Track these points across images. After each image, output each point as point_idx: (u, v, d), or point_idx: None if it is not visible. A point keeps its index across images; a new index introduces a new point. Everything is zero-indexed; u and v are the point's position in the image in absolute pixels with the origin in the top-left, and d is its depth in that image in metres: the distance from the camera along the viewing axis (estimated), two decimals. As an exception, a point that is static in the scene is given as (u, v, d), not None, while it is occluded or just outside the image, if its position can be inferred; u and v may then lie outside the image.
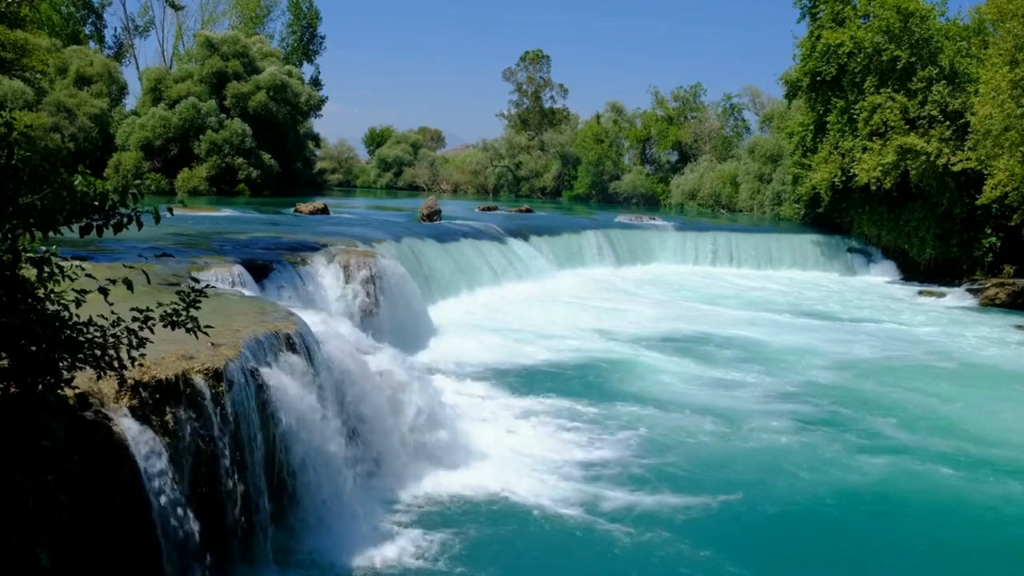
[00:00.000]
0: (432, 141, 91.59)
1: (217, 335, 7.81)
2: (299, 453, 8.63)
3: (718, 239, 36.11)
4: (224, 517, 7.58)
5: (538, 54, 78.00)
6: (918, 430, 13.62)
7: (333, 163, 77.35)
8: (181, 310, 5.84)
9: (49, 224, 4.97)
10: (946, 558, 9.48)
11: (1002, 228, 31.64)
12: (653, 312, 23.94)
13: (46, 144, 32.05)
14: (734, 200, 55.46)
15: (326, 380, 9.65)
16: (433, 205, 31.32)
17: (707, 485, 10.91)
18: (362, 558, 8.53)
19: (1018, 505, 10.86)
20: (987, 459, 12.37)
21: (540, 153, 74.84)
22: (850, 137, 34.44)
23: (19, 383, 4.99)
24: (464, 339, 18.50)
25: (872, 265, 36.00)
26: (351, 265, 17.01)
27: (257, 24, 68.65)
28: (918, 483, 11.41)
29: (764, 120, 60.51)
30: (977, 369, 18.87)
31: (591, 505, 10.07)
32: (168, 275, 12.50)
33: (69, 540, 5.70)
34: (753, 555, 9.17)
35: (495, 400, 14.26)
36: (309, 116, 58.27)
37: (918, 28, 32.74)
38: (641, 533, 9.40)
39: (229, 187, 48.25)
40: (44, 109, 44.93)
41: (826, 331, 22.31)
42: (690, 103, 68.35)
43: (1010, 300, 28.72)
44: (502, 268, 26.28)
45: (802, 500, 10.66)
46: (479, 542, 9.07)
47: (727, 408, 14.44)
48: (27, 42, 30.57)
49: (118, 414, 6.66)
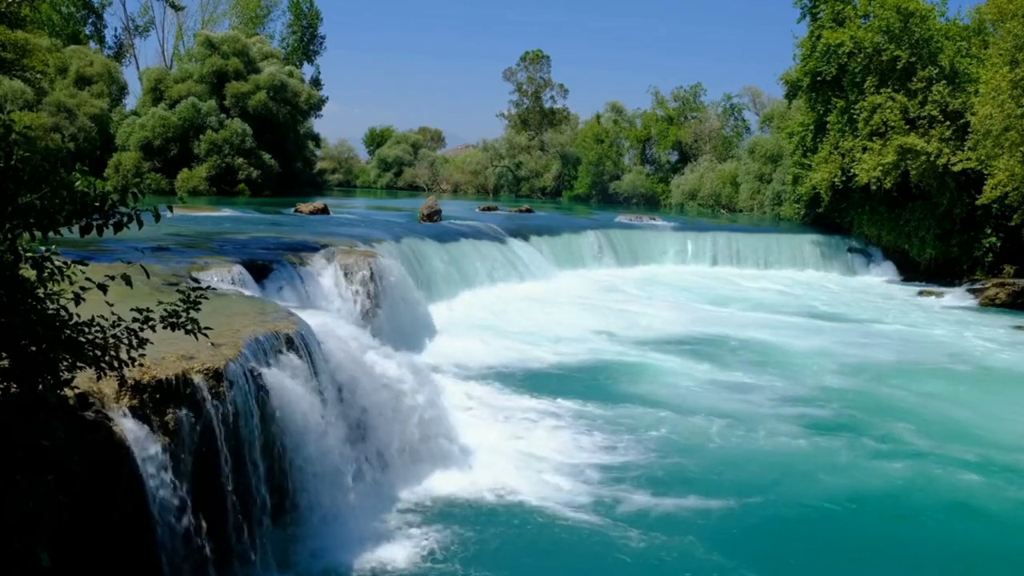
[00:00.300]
0: (432, 141, 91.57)
1: (217, 335, 7.80)
2: (299, 453, 8.62)
3: (718, 239, 36.10)
4: (224, 517, 7.57)
5: (538, 54, 78.01)
6: (933, 434, 13.47)
7: (333, 163, 77.32)
8: (181, 311, 5.83)
9: (49, 224, 4.96)
10: (965, 562, 9.42)
11: (1002, 228, 31.64)
12: (655, 312, 23.91)
13: (46, 144, 32.01)
14: (734, 200, 55.46)
15: (326, 380, 9.64)
16: (433, 205, 31.31)
17: (717, 487, 10.81)
18: (363, 559, 8.52)
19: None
20: (1006, 464, 12.21)
21: (540, 153, 74.85)
22: (850, 137, 34.43)
23: (19, 383, 4.99)
24: (465, 339, 18.49)
25: (872, 265, 35.99)
26: (351, 265, 17.01)
27: (257, 24, 68.63)
28: (935, 486, 11.29)
29: (764, 120, 60.51)
30: (989, 372, 18.73)
31: (597, 507, 10.01)
32: (168, 275, 12.49)
33: (69, 540, 5.69)
34: (765, 557, 9.15)
35: (496, 400, 14.24)
36: (309, 116, 58.25)
37: (918, 28, 32.74)
38: (650, 535, 9.33)
39: (229, 187, 48.23)
40: (44, 109, 44.92)
41: (831, 332, 22.21)
42: (690, 103, 68.35)
43: (1010, 300, 28.71)
44: (502, 268, 26.27)
45: (817, 503, 10.56)
46: (480, 543, 9.05)
47: (734, 409, 14.36)
48: (27, 42, 30.57)
49: (118, 414, 6.66)
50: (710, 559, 8.91)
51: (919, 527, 10.26)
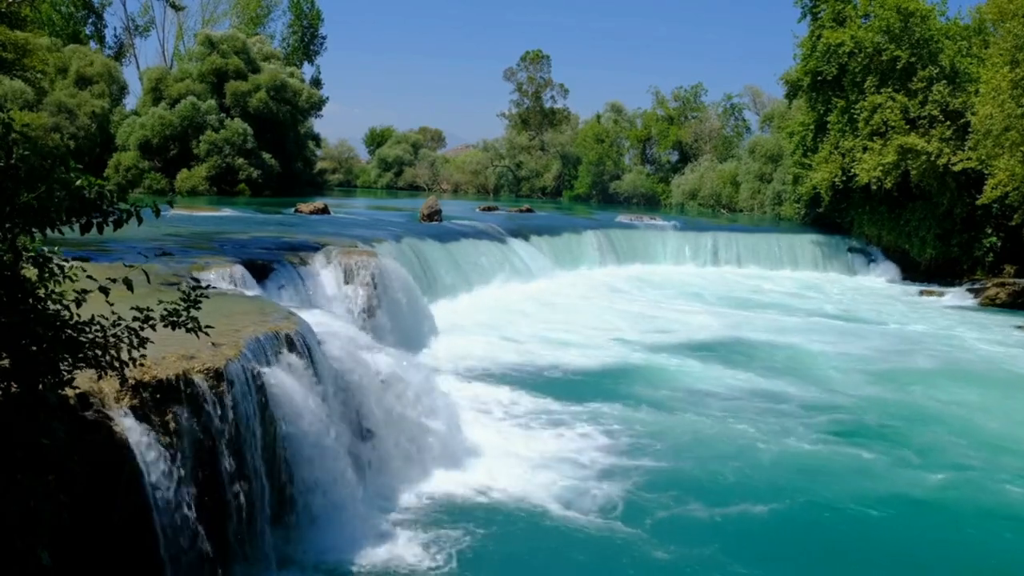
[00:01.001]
0: (432, 141, 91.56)
1: (217, 335, 7.80)
2: (300, 453, 8.61)
3: (719, 239, 36.09)
4: (225, 517, 7.57)
5: (538, 54, 77.98)
6: (957, 438, 13.34)
7: (333, 163, 77.33)
8: (182, 310, 5.83)
9: (48, 222, 4.96)
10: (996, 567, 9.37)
11: (1002, 228, 31.63)
12: (657, 311, 23.93)
13: (45, 143, 31.95)
14: (734, 200, 55.45)
15: (327, 380, 9.64)
16: (433, 205, 31.31)
17: (731, 492, 10.72)
18: (363, 557, 8.51)
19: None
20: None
21: (540, 153, 74.85)
22: (850, 137, 34.43)
23: (20, 383, 4.98)
24: (465, 339, 18.48)
25: (873, 265, 35.97)
26: (352, 265, 17.00)
27: (258, 24, 68.59)
28: (965, 492, 11.17)
29: (764, 120, 60.50)
30: (996, 373, 18.61)
31: (602, 509, 9.94)
32: (168, 275, 12.48)
33: (69, 540, 5.69)
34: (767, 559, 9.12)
35: (498, 400, 14.21)
36: (309, 116, 58.24)
37: (918, 28, 32.73)
38: (658, 539, 9.24)
39: (229, 187, 48.21)
40: (45, 109, 44.93)
41: (837, 333, 22.06)
42: (690, 103, 68.34)
43: (1010, 300, 28.71)
44: (503, 268, 26.26)
45: (843, 507, 10.48)
46: (481, 543, 9.03)
47: (744, 411, 14.27)
48: (28, 42, 30.53)
49: (119, 414, 6.65)
50: (730, 566, 8.79)
51: (951, 530, 10.13)
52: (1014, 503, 10.94)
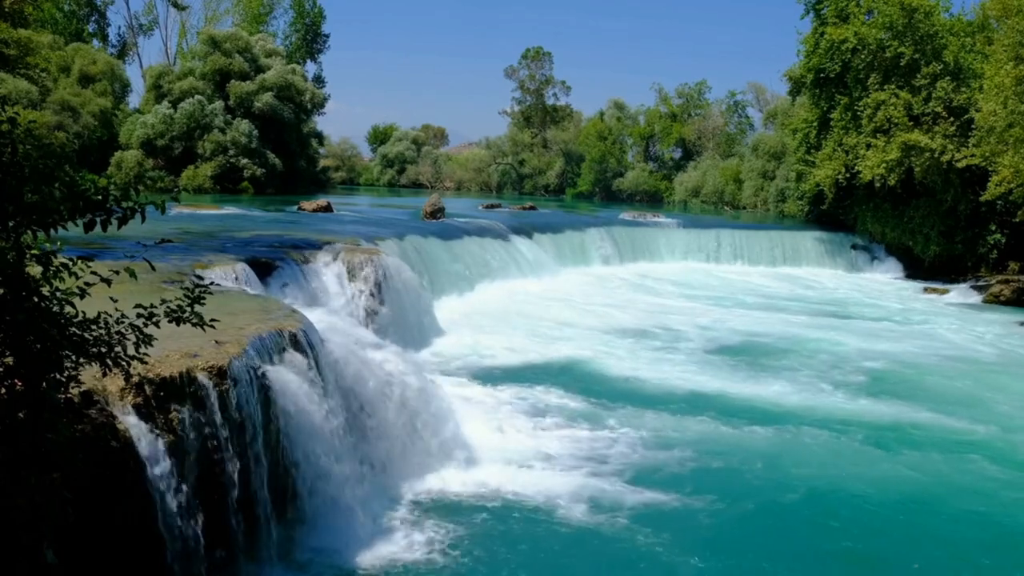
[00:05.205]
0: (435, 139, 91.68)
1: (221, 333, 7.80)
2: (303, 450, 8.63)
3: (722, 236, 36.07)
4: (228, 514, 7.59)
5: (539, 51, 78.00)
6: (975, 431, 13.33)
7: (336, 161, 77.45)
8: (186, 306, 5.83)
9: (51, 220, 4.96)
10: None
11: (1007, 225, 31.53)
12: (660, 310, 23.90)
13: (50, 142, 32.09)
14: (738, 197, 55.42)
15: (330, 378, 9.65)
16: (436, 203, 31.31)
17: (739, 485, 10.68)
18: (366, 555, 8.52)
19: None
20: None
21: (543, 150, 74.88)
22: (854, 134, 34.36)
23: (24, 381, 4.99)
24: (469, 336, 18.48)
25: (876, 262, 35.93)
26: (355, 263, 17.01)
27: (260, 23, 68.67)
28: (989, 488, 11.13)
29: (768, 117, 60.45)
30: (1008, 368, 18.56)
31: (607, 507, 9.88)
32: (172, 273, 12.50)
33: (74, 537, 5.71)
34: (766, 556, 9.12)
35: (501, 398, 14.20)
36: (312, 114, 58.30)
37: (922, 24, 32.64)
38: (664, 537, 9.21)
39: (233, 185, 48.30)
40: (48, 108, 44.99)
41: (844, 331, 21.84)
42: (694, 100, 68.33)
43: (1014, 297, 28.65)
44: (506, 266, 26.27)
45: (860, 503, 10.45)
46: (484, 541, 9.03)
47: (750, 406, 14.24)
48: (30, 40, 30.62)
49: (123, 412, 6.67)
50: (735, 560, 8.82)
51: (974, 527, 10.05)
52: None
